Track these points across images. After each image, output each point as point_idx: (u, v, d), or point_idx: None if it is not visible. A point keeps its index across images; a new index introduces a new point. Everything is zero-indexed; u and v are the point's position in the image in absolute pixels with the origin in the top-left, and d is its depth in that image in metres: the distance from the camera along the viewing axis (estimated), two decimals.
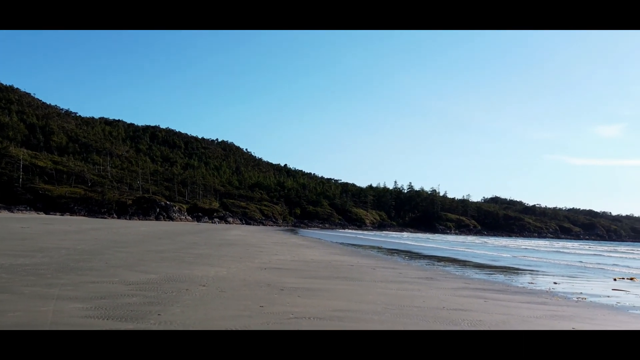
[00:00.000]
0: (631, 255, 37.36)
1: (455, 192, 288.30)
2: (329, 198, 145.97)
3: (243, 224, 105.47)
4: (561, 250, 43.29)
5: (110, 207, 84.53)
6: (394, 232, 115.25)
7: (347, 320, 5.85)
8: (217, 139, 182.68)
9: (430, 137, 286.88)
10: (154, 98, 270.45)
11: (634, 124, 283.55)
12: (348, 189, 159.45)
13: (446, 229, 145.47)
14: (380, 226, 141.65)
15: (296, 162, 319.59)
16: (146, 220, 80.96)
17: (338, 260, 16.54)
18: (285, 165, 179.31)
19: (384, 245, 34.84)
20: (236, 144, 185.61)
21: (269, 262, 13.60)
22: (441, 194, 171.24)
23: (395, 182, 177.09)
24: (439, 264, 18.56)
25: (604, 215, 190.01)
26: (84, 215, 76.75)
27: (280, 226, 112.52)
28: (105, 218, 76.37)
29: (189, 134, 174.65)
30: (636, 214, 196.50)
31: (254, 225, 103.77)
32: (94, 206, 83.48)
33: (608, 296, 10.46)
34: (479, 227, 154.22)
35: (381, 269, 14.04)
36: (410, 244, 40.65)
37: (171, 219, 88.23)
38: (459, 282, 11.63)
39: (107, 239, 19.64)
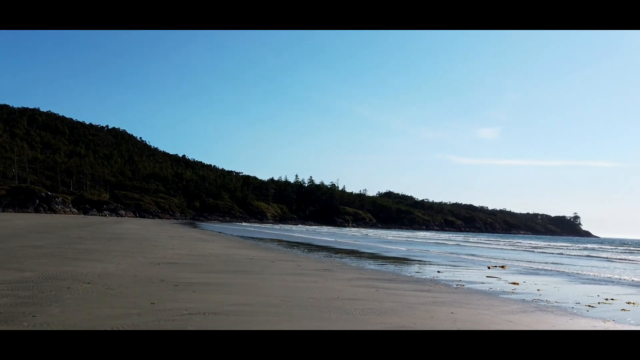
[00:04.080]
0: (500, 246, 41.87)
1: (353, 186, 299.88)
2: (230, 191, 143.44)
3: (137, 217, 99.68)
4: (441, 241, 47.11)
5: None
6: (295, 225, 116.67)
7: (243, 314, 5.82)
8: (107, 126, 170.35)
9: (331, 133, 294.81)
10: (33, 78, 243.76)
11: (508, 127, 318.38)
12: (250, 182, 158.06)
13: (344, 222, 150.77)
14: (281, 219, 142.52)
15: (195, 153, 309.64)
16: (23, 212, 72.98)
17: (237, 253, 16.35)
18: (184, 156, 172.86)
19: (284, 238, 35.11)
20: (129, 131, 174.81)
21: (163, 256, 13.02)
22: (340, 188, 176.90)
23: (297, 175, 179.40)
24: (337, 256, 19.19)
25: (481, 210, 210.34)
26: None
27: (178, 219, 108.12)
28: None
29: (74, 119, 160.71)
30: (508, 208, 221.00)
31: (149, 218, 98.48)
32: None
33: (483, 282, 11.62)
34: (374, 220, 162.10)
35: (280, 261, 14.14)
36: (310, 237, 41.47)
37: (53, 211, 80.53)
38: (354, 273, 12.13)
39: None
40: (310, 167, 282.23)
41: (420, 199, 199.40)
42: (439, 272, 13.99)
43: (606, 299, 9.52)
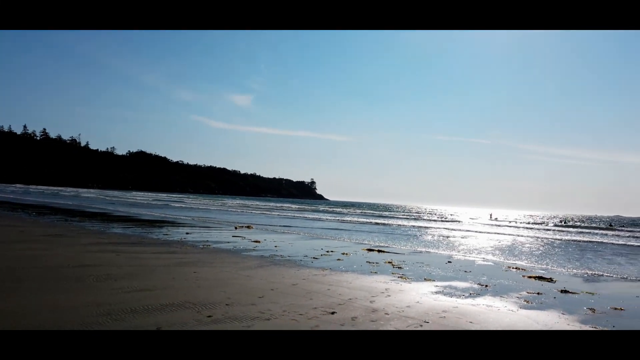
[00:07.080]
0: (249, 209, 45.00)
1: (99, 143, 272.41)
2: None
3: None
4: (194, 205, 47.63)
5: None
6: (26, 186, 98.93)
7: None
8: None
9: (71, 81, 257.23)
10: None
11: (259, 96, 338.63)
12: None
13: (89, 183, 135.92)
14: (2, 179, 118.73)
15: None
16: None
17: None
18: None
19: (8, 201, 29.50)
20: None
21: None
22: (83, 145, 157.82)
23: (25, 126, 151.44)
24: (74, 219, 17.21)
25: (234, 173, 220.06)
26: None
27: None
28: None
29: None
30: (258, 173, 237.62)
31: None
32: None
33: (228, 242, 12.27)
34: (126, 182, 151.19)
35: None
36: (46, 200, 36.03)
37: None
38: (93, 237, 11.14)
39: None
40: (45, 118, 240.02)
41: (175, 160, 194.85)
42: (187, 233, 14.09)
43: (327, 252, 11.31)
